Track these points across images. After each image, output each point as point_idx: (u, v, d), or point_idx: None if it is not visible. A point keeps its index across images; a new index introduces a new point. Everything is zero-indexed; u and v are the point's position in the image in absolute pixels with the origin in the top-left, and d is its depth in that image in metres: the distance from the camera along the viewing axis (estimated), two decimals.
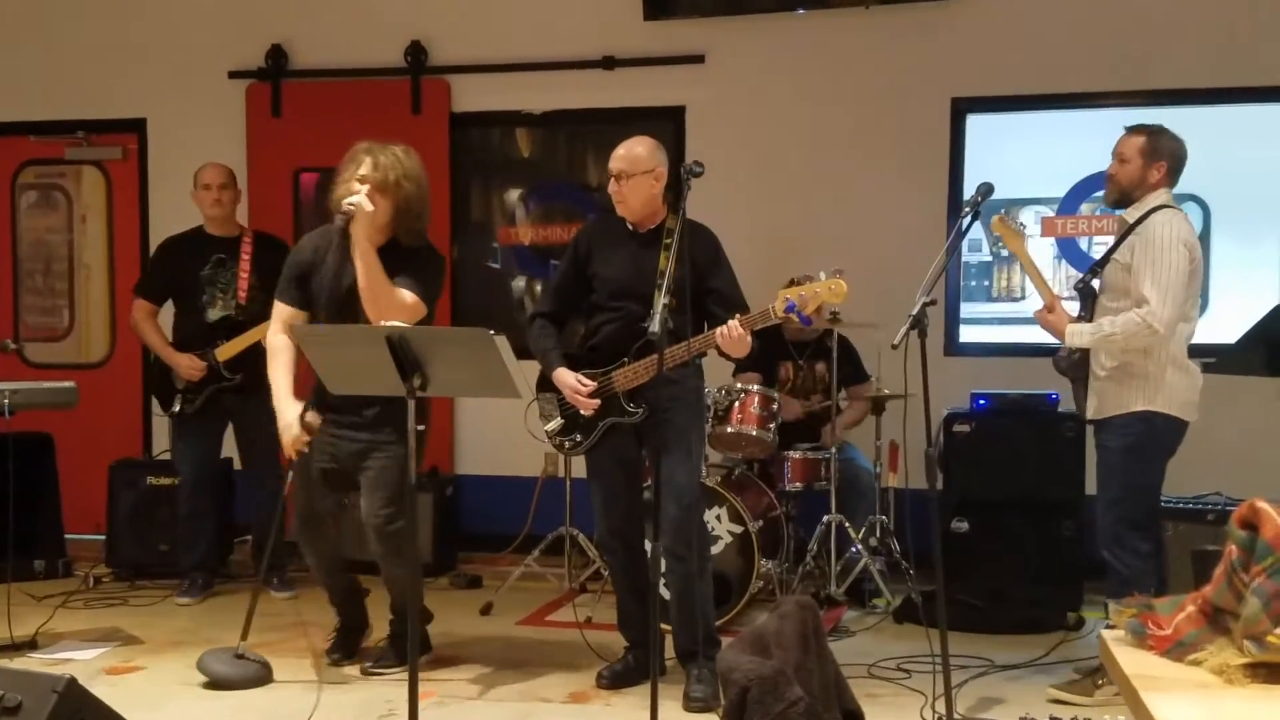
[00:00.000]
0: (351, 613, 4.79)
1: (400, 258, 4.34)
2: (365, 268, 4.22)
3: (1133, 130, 4.35)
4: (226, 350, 5.58)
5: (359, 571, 4.79)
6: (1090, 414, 4.36)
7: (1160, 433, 4.23)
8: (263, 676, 4.45)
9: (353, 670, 4.62)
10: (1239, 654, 1.79)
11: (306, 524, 4.55)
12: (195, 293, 5.64)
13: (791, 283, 4.06)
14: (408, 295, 4.28)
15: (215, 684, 4.37)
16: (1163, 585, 4.30)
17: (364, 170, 4.31)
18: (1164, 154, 4.29)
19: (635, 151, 4.23)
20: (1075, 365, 4.38)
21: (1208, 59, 5.86)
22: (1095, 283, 4.38)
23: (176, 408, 5.68)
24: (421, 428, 4.42)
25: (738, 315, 4.03)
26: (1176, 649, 1.90)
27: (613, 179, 4.25)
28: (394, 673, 4.52)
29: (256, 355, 5.61)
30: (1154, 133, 4.31)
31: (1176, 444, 4.32)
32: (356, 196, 4.24)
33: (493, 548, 6.42)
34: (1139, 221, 4.25)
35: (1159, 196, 4.28)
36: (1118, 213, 4.45)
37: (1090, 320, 4.30)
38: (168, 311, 5.86)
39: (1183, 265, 4.14)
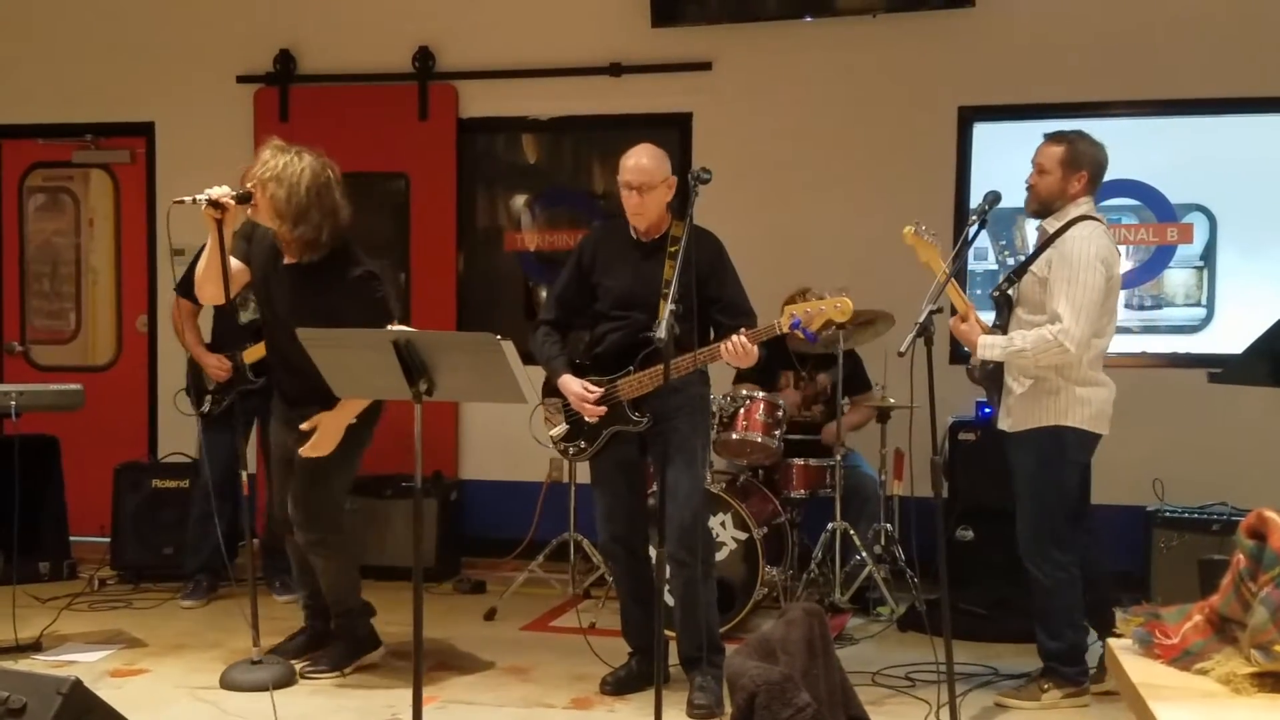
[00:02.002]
0: (317, 616, 4.83)
1: (315, 285, 4.33)
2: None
3: (1051, 139, 4.27)
4: (253, 353, 5.57)
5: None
6: (1005, 427, 4.32)
7: (1068, 447, 4.20)
8: (288, 676, 4.48)
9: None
10: (1246, 663, 1.79)
11: (281, 518, 4.64)
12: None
13: (793, 299, 4.05)
14: None
15: (246, 690, 4.38)
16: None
17: (255, 167, 4.31)
18: (1085, 163, 4.21)
19: (645, 164, 4.20)
20: (989, 375, 4.36)
21: (1216, 68, 5.86)
22: (1011, 292, 4.32)
23: (206, 408, 5.73)
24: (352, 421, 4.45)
25: (743, 330, 4.03)
26: (1183, 658, 1.90)
27: (632, 192, 4.20)
28: (328, 677, 4.55)
29: None
30: (1073, 141, 4.23)
31: (1087, 457, 4.31)
32: (214, 190, 4.21)
33: (497, 553, 6.43)
34: (1059, 233, 4.19)
35: (1080, 206, 4.22)
36: (1038, 223, 4.38)
37: (1005, 331, 4.25)
38: (208, 312, 5.83)
39: (1099, 283, 4.08)
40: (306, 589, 4.82)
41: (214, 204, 4.18)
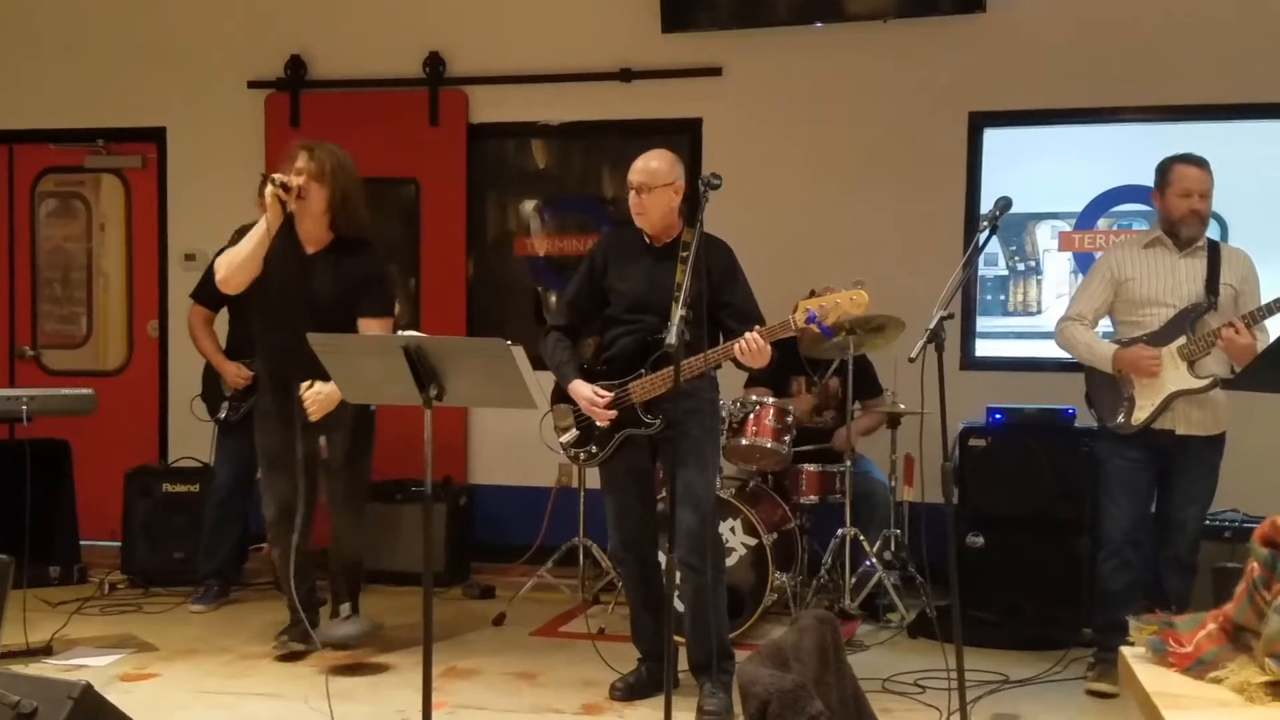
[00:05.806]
0: (310, 609, 4.86)
1: (350, 264, 4.60)
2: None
3: (1200, 164, 4.47)
4: None
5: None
6: (1201, 431, 4.44)
7: None
8: (372, 628, 4.86)
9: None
10: (1260, 672, 1.78)
11: (282, 517, 4.67)
12: (248, 302, 5.63)
13: (812, 294, 4.06)
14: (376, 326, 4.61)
15: (342, 645, 4.76)
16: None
17: (300, 164, 4.54)
18: None
19: (653, 165, 4.24)
20: (1105, 382, 4.53)
21: (1227, 74, 5.84)
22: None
23: (223, 414, 5.78)
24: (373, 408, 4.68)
25: (757, 327, 4.03)
26: (1197, 667, 1.90)
27: (633, 192, 4.25)
28: (354, 638, 4.76)
29: None
30: None
31: None
32: (291, 176, 4.49)
33: (506, 558, 6.43)
34: (1212, 245, 4.48)
35: None
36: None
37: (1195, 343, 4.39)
38: (223, 318, 5.84)
39: None
40: (305, 584, 4.82)
41: (284, 187, 4.45)
